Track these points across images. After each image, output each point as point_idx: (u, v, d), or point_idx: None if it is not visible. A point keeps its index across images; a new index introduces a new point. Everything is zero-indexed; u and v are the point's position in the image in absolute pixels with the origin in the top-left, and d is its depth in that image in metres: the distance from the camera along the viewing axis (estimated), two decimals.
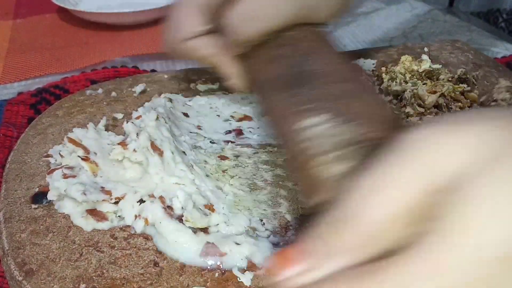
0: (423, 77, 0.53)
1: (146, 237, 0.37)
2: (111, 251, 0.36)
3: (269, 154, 0.45)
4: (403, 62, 0.56)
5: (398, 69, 0.55)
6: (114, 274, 0.34)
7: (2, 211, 0.39)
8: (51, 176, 0.40)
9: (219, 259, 0.35)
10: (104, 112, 0.52)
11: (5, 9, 0.88)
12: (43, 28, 0.81)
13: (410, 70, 0.54)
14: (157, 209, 0.37)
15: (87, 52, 0.72)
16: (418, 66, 0.55)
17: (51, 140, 0.47)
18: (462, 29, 0.79)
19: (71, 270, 0.34)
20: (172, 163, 0.40)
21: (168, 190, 0.39)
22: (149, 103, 0.51)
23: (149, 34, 0.78)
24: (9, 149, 0.48)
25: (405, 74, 0.54)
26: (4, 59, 0.70)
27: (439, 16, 0.85)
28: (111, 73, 0.63)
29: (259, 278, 0.34)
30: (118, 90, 0.56)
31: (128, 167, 0.41)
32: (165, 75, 0.59)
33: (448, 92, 0.50)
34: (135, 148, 0.40)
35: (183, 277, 0.34)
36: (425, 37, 0.77)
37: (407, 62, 0.56)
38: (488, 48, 0.73)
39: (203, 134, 0.47)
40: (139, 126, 0.43)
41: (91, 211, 0.38)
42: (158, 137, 0.42)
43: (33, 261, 0.35)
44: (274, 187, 0.42)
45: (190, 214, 0.37)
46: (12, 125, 0.53)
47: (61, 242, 0.36)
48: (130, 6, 0.77)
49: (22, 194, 0.41)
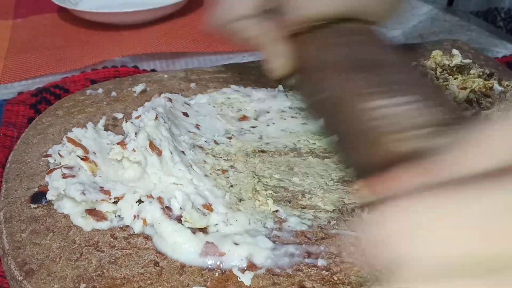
0: (454, 71, 0.54)
1: (146, 237, 0.37)
2: (111, 250, 0.36)
3: (268, 154, 0.45)
4: (434, 57, 0.56)
5: (429, 63, 0.55)
6: (114, 274, 0.34)
7: (2, 211, 0.39)
8: (50, 176, 0.40)
9: (219, 259, 0.35)
10: (104, 112, 0.52)
11: (5, 9, 0.88)
12: (43, 28, 0.81)
13: (442, 64, 0.55)
14: (155, 210, 0.37)
15: (87, 52, 0.72)
16: (449, 61, 0.55)
17: (51, 140, 0.47)
18: (462, 29, 0.79)
19: (71, 270, 0.34)
20: (170, 163, 0.41)
21: (166, 190, 0.39)
22: (149, 103, 0.51)
23: (149, 34, 0.77)
24: (9, 149, 0.48)
25: (436, 69, 0.54)
26: (4, 59, 0.70)
27: (439, 16, 0.85)
28: (111, 73, 0.63)
29: (259, 278, 0.34)
30: (118, 90, 0.56)
31: (127, 167, 0.41)
32: (165, 75, 0.59)
33: (478, 88, 0.50)
34: (134, 147, 0.40)
35: (183, 277, 0.34)
36: (425, 37, 0.77)
37: (438, 57, 0.56)
38: (488, 47, 0.73)
39: (202, 133, 0.47)
40: (138, 126, 0.43)
41: (91, 211, 0.38)
42: (157, 137, 0.42)
43: (33, 261, 0.35)
44: (273, 187, 0.42)
45: (189, 215, 0.37)
46: (12, 125, 0.53)
47: (62, 242, 0.36)
48: (130, 6, 0.77)
49: (22, 194, 0.41)
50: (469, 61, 0.56)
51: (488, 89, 0.51)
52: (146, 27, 0.79)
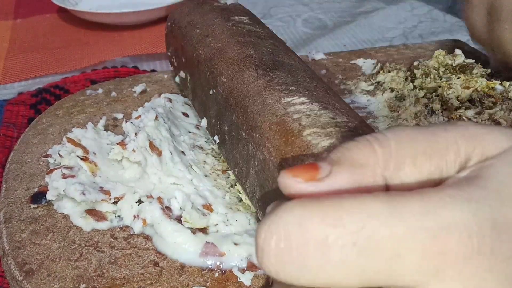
0: (456, 71, 0.54)
1: (146, 237, 0.37)
2: (111, 251, 0.36)
3: None
4: (437, 57, 0.56)
5: (431, 63, 0.55)
6: (114, 274, 0.34)
7: (2, 211, 0.39)
8: (50, 176, 0.40)
9: (219, 259, 0.35)
10: (104, 112, 0.52)
11: (5, 9, 0.88)
12: (43, 28, 0.81)
13: (444, 64, 0.55)
14: (155, 210, 0.37)
15: (87, 52, 0.72)
16: (452, 61, 0.55)
17: (51, 140, 0.47)
18: (462, 29, 0.79)
19: (71, 270, 0.34)
20: (170, 163, 0.41)
21: (166, 190, 0.39)
22: (149, 103, 0.51)
23: (149, 34, 0.78)
24: (9, 149, 0.49)
25: (438, 69, 0.54)
26: (4, 59, 0.70)
27: (439, 16, 0.85)
28: (111, 73, 0.63)
29: (259, 278, 0.34)
30: (118, 90, 0.56)
31: (127, 167, 0.41)
32: (165, 75, 0.59)
33: (481, 87, 0.50)
34: (134, 148, 0.40)
35: (183, 277, 0.34)
36: (425, 37, 0.77)
37: (440, 56, 0.56)
38: None
39: (202, 134, 0.47)
40: (138, 126, 0.43)
41: (90, 211, 0.38)
42: (157, 137, 0.42)
43: (33, 261, 0.35)
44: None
45: (189, 215, 0.37)
46: (12, 125, 0.53)
47: (61, 242, 0.36)
48: (130, 6, 0.77)
49: (22, 194, 0.41)
50: (471, 61, 0.56)
51: (491, 89, 0.51)
52: (146, 27, 0.79)
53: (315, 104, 0.32)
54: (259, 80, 0.36)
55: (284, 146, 0.30)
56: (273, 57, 0.38)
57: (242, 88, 0.36)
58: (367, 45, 0.75)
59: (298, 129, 0.30)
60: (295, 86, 0.34)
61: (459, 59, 0.55)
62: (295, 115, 0.31)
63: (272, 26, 0.67)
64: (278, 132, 0.31)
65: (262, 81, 0.35)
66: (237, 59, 0.39)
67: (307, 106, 0.31)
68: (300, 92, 0.33)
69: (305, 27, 0.82)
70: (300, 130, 0.30)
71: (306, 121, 0.30)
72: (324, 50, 0.68)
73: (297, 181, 0.19)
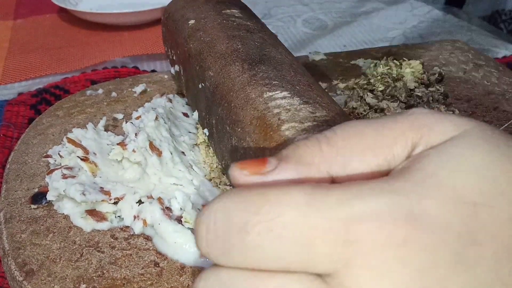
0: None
1: (147, 238, 0.37)
2: (111, 251, 0.36)
3: None
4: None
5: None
6: (114, 275, 0.34)
7: (2, 211, 0.39)
8: (51, 177, 0.40)
9: None
10: (104, 112, 0.52)
11: (5, 9, 0.88)
12: (43, 28, 0.81)
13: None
14: (155, 210, 0.37)
15: (87, 52, 0.72)
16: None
17: (52, 141, 0.47)
18: (462, 29, 0.79)
19: (71, 271, 0.34)
20: (170, 164, 0.41)
21: (166, 191, 0.39)
22: (149, 103, 0.51)
23: (149, 34, 0.78)
24: (10, 149, 0.49)
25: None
26: (4, 59, 0.70)
27: (439, 16, 0.85)
28: (111, 73, 0.63)
29: None
30: (118, 90, 0.56)
31: (127, 167, 0.41)
32: (165, 75, 0.59)
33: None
34: (134, 148, 0.40)
35: (183, 278, 0.34)
36: (425, 37, 0.77)
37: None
38: (488, 48, 0.73)
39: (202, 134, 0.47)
40: (138, 126, 0.43)
41: (91, 212, 0.38)
42: (157, 137, 0.42)
43: (33, 262, 0.35)
44: None
45: (189, 215, 0.37)
46: (12, 126, 0.53)
47: (62, 243, 0.36)
48: (130, 6, 0.77)
49: (23, 194, 0.41)
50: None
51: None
52: (146, 27, 0.79)
53: (296, 99, 0.32)
54: (244, 74, 0.36)
55: (263, 141, 0.30)
56: (260, 51, 0.38)
57: (228, 82, 0.36)
58: (367, 45, 0.75)
59: (277, 123, 0.30)
60: (278, 81, 0.34)
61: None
62: (275, 109, 0.31)
63: (272, 26, 0.67)
64: (258, 126, 0.31)
65: (247, 75, 0.35)
66: (225, 53, 0.39)
67: (288, 100, 0.32)
68: (282, 86, 0.33)
69: (305, 27, 0.82)
70: (279, 124, 0.30)
71: (285, 116, 0.30)
72: (324, 50, 0.68)
73: (244, 174, 0.21)
